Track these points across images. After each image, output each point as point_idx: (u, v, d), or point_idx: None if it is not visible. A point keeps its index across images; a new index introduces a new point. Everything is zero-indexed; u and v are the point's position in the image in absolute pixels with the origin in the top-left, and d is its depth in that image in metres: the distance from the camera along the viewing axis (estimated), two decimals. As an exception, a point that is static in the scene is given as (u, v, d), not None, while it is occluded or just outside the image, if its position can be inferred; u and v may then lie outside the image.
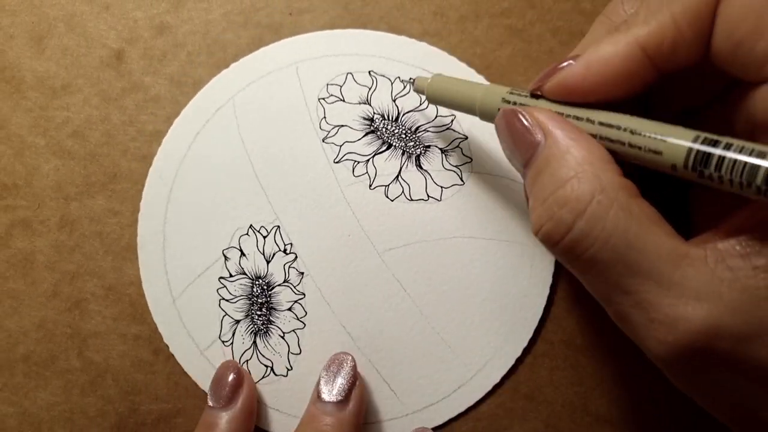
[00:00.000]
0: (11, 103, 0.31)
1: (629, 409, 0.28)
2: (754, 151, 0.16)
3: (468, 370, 0.29)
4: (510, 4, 0.30)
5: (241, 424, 0.27)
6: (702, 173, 0.17)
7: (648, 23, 0.19)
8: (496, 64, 0.30)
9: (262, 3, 0.31)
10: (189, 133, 0.30)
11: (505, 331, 0.29)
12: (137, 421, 0.29)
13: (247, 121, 0.30)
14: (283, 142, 0.30)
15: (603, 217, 0.18)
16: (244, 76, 0.30)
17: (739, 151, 0.16)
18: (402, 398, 0.29)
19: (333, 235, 0.29)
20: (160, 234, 0.30)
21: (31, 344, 0.30)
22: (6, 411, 0.30)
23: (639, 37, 0.20)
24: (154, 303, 0.30)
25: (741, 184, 0.16)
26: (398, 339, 0.29)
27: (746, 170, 0.16)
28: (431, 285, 0.29)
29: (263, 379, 0.29)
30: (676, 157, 0.18)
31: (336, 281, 0.29)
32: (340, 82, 0.30)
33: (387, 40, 0.30)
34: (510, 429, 0.28)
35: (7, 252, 0.30)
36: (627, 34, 0.20)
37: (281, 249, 0.30)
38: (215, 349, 0.29)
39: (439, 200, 0.29)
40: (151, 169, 0.30)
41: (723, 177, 0.17)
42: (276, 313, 0.29)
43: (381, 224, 0.29)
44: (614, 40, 0.20)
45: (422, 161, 0.30)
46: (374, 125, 0.30)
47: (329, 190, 0.30)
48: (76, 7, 0.31)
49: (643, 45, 0.20)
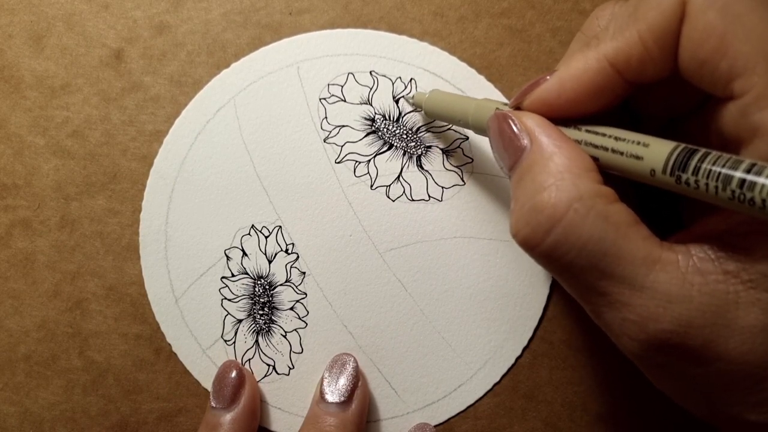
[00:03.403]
0: (10, 103, 0.31)
1: (629, 409, 0.29)
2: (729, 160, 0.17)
3: (469, 369, 0.29)
4: (510, 4, 0.30)
5: (245, 424, 0.27)
6: (679, 178, 0.18)
7: (616, 39, 0.20)
8: (496, 64, 0.30)
9: (262, 3, 0.31)
10: (190, 134, 0.30)
11: (506, 330, 0.29)
12: (139, 421, 0.29)
13: (248, 121, 0.30)
14: (285, 142, 0.30)
15: (579, 225, 0.19)
16: (244, 76, 0.30)
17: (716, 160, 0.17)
18: (403, 397, 0.29)
19: (334, 235, 0.30)
20: (161, 234, 0.30)
21: (32, 344, 0.30)
22: (7, 410, 0.30)
23: (607, 53, 0.20)
24: (157, 303, 0.30)
25: (716, 189, 0.17)
26: (399, 338, 0.29)
27: (721, 177, 0.17)
28: (432, 285, 0.29)
29: (265, 378, 0.29)
30: (656, 162, 0.18)
31: (337, 281, 0.29)
32: (341, 82, 0.30)
33: (388, 40, 0.30)
34: (509, 428, 0.29)
35: (8, 252, 0.30)
36: (596, 50, 0.20)
37: (283, 249, 0.30)
38: (218, 349, 0.30)
39: (440, 200, 0.30)
40: (153, 170, 0.30)
41: (699, 182, 0.17)
42: (278, 312, 0.30)
43: (382, 224, 0.30)
44: (584, 56, 0.21)
45: (423, 161, 0.30)
46: (375, 125, 0.30)
47: (331, 191, 0.30)
48: (75, 6, 0.31)
49: (612, 61, 0.20)
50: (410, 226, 0.29)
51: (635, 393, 0.29)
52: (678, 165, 0.18)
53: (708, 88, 0.19)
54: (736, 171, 0.17)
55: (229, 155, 0.30)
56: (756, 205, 0.16)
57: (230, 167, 0.30)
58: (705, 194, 0.17)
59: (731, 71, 0.18)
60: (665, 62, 0.20)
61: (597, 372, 0.29)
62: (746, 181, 0.16)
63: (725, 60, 0.18)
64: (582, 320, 0.29)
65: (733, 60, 0.18)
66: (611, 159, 0.20)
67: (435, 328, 0.29)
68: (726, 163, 0.17)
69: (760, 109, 0.17)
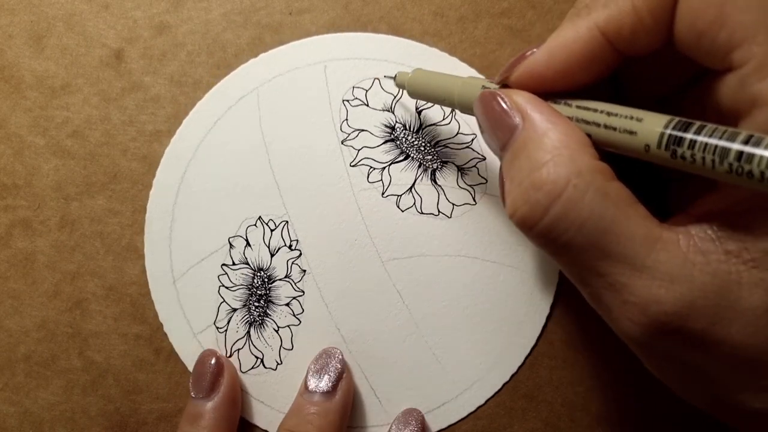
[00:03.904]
0: (10, 103, 0.31)
1: (629, 409, 0.29)
2: (726, 132, 0.16)
3: (455, 388, 0.29)
4: (510, 4, 0.30)
5: (226, 412, 0.27)
6: (675, 152, 0.17)
7: (608, 7, 0.19)
8: (496, 64, 0.30)
9: (262, 3, 0.31)
10: (210, 117, 0.30)
11: (497, 354, 0.29)
12: (138, 421, 0.29)
13: (269, 112, 0.30)
14: (303, 138, 0.30)
15: (578, 201, 0.18)
16: (271, 68, 0.30)
17: (712, 132, 0.17)
18: (386, 407, 0.29)
19: (340, 238, 0.30)
20: (169, 213, 0.30)
21: (32, 344, 0.30)
22: (7, 411, 0.30)
23: (598, 21, 0.19)
24: (155, 281, 0.30)
25: (713, 162, 0.16)
26: (390, 348, 0.29)
27: (718, 150, 0.16)
28: (430, 300, 0.29)
29: (252, 370, 0.29)
30: (650, 136, 0.18)
31: (337, 283, 0.29)
32: (367, 86, 0.30)
33: (418, 50, 0.30)
34: (510, 428, 0.29)
35: (8, 252, 0.30)
36: (587, 18, 0.20)
37: (287, 244, 0.30)
38: (209, 334, 0.30)
39: (449, 217, 0.29)
40: (168, 148, 0.30)
41: (696, 155, 0.17)
42: (273, 306, 0.30)
43: (388, 233, 0.29)
44: (574, 24, 0.20)
45: (437, 176, 0.30)
46: (395, 134, 0.30)
47: (342, 193, 0.30)
48: (76, 7, 0.31)
49: (603, 30, 0.19)
50: (416, 239, 0.29)
51: (635, 393, 0.29)
52: (673, 139, 0.17)
53: (705, 60, 0.18)
54: (734, 143, 0.16)
55: (246, 144, 0.30)
56: (755, 178, 0.16)
57: (245, 156, 0.30)
58: (701, 168, 0.17)
59: (730, 42, 0.17)
60: (659, 33, 0.19)
61: (597, 372, 0.29)
62: (744, 153, 0.16)
63: (724, 30, 0.17)
64: (583, 320, 0.29)
65: (731, 30, 0.17)
66: (604, 135, 0.19)
67: (427, 343, 0.29)
68: (723, 135, 0.16)
69: (759, 79, 0.17)
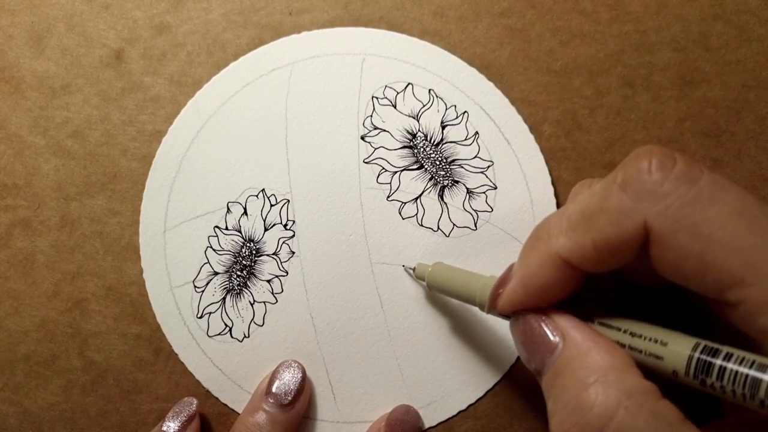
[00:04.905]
0: (11, 103, 0.31)
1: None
2: (755, 363, 0.16)
3: (411, 404, 0.29)
4: (510, 4, 0.30)
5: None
6: (704, 382, 0.17)
7: (568, 237, 0.20)
8: (496, 64, 0.30)
9: (262, 3, 0.31)
10: (239, 81, 0.31)
11: (459, 381, 0.29)
12: (138, 421, 0.29)
13: (297, 90, 0.30)
14: (324, 123, 0.30)
15: (632, 425, 0.18)
16: (311, 49, 0.31)
17: (740, 362, 0.16)
18: (339, 405, 0.29)
19: (336, 229, 0.30)
20: (176, 163, 0.30)
21: (31, 344, 0.30)
22: (7, 410, 0.30)
23: (560, 251, 0.20)
24: (146, 228, 0.30)
25: (744, 396, 0.16)
26: (357, 350, 0.29)
27: (748, 382, 0.16)
28: (408, 312, 0.29)
29: (218, 336, 0.29)
30: (677, 363, 0.18)
31: (321, 272, 0.29)
32: (399, 88, 0.30)
33: (457, 65, 0.30)
34: (509, 428, 0.29)
35: (8, 252, 0.30)
36: (548, 247, 0.20)
37: (283, 222, 0.30)
38: (185, 291, 0.30)
39: (446, 236, 0.29)
40: (192, 100, 0.30)
41: (725, 387, 0.17)
42: (255, 280, 0.30)
43: (384, 236, 0.29)
44: (538, 252, 0.21)
45: (446, 193, 0.30)
46: (414, 142, 0.30)
47: (349, 186, 0.30)
48: (76, 7, 0.31)
49: (566, 259, 0.20)
50: (408, 249, 0.29)
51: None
52: (701, 368, 0.17)
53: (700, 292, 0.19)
54: (765, 374, 0.16)
55: (268, 115, 0.30)
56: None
57: (265, 127, 0.30)
58: (732, 399, 0.17)
59: (720, 284, 0.18)
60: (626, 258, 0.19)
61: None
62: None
63: (709, 275, 0.18)
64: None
65: (717, 276, 0.17)
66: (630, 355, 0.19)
67: (395, 354, 0.29)
68: (753, 365, 0.16)
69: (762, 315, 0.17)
